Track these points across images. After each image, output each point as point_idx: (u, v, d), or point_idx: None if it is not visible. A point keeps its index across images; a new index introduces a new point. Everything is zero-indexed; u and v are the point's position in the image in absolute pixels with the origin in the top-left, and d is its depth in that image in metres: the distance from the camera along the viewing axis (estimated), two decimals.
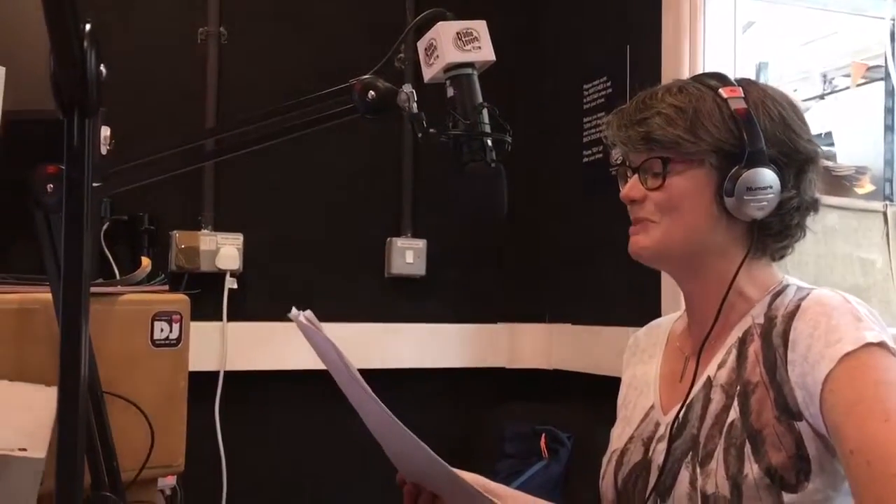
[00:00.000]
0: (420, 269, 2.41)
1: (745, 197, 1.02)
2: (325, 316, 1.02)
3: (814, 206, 1.09)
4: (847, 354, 0.94)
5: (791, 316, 1.01)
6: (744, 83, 1.09)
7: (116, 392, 1.27)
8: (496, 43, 1.08)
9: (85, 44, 0.55)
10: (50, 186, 1.04)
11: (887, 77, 2.22)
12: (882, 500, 0.89)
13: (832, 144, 2.22)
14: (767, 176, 1.02)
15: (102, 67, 0.58)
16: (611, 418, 1.25)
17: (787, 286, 1.08)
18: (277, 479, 2.25)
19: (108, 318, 1.32)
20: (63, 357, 0.58)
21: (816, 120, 2.16)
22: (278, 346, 2.16)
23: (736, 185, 1.02)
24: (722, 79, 1.09)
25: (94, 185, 0.63)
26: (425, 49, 1.10)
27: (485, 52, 1.07)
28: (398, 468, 1.17)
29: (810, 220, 1.10)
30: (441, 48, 1.06)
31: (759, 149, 1.03)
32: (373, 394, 1.01)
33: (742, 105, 1.04)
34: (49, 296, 1.21)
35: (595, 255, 2.33)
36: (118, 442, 1.23)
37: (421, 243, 2.41)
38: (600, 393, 1.46)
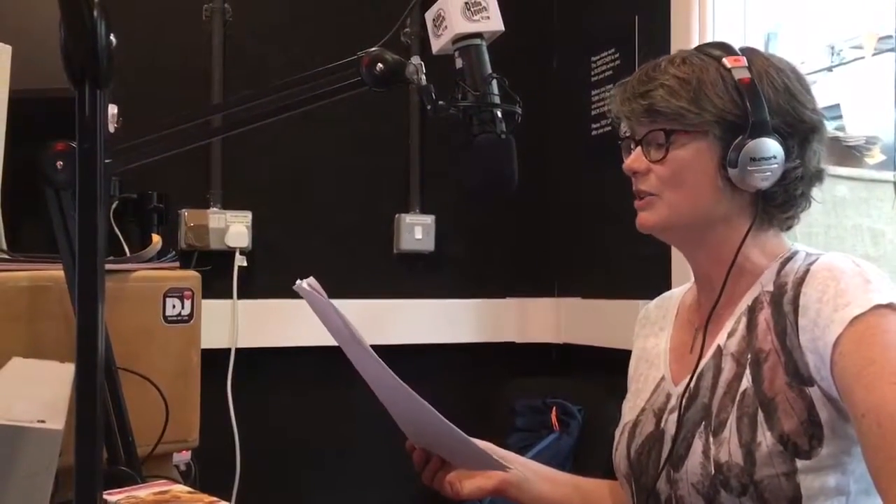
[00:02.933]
0: (429, 244, 2.41)
1: (748, 167, 1.01)
2: (334, 293, 1.01)
3: (818, 176, 1.09)
4: (856, 317, 0.94)
5: (800, 282, 1.01)
6: (748, 52, 1.08)
7: (130, 368, 1.28)
8: (504, 14, 1.07)
9: (95, 13, 0.55)
10: (60, 163, 1.04)
11: None
12: (893, 461, 0.89)
13: (840, 117, 2.20)
14: (771, 146, 1.01)
15: (112, 37, 0.58)
16: (621, 391, 1.25)
17: (795, 252, 1.08)
18: (289, 453, 2.27)
19: (120, 294, 1.33)
20: (80, 329, 0.58)
21: (825, 92, 2.14)
22: (289, 322, 2.17)
23: (739, 155, 1.01)
24: (725, 48, 1.08)
25: (105, 160, 0.63)
26: (433, 20, 1.09)
27: (493, 21, 1.07)
28: (407, 434, 1.17)
29: (816, 191, 1.10)
30: (449, 18, 1.06)
31: (762, 119, 1.02)
32: (377, 357, 1.01)
33: (746, 75, 1.04)
34: (61, 273, 1.21)
35: (604, 229, 2.33)
36: (133, 418, 1.24)
37: (429, 219, 2.41)
38: (610, 366, 1.46)
